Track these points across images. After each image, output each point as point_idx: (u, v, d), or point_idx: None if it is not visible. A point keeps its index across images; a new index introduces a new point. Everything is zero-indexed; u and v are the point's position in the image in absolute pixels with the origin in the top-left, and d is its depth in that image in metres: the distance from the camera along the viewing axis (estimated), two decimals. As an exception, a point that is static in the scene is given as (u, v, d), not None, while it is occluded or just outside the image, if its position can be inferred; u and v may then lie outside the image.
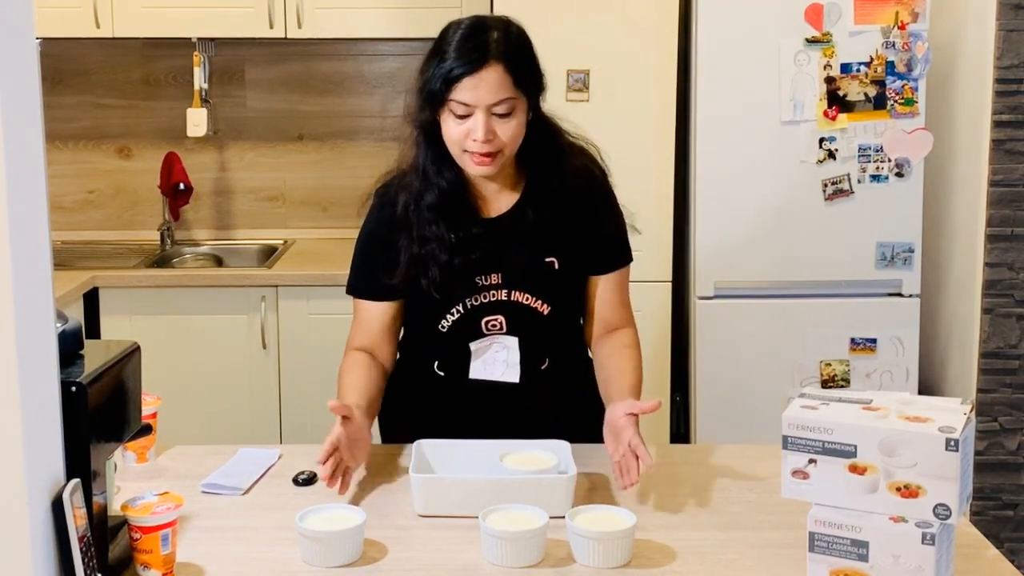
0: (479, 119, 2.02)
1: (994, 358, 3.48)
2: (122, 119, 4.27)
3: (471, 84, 2.01)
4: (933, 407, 1.57)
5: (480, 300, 2.15)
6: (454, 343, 2.19)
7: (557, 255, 2.16)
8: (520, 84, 2.04)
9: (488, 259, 2.14)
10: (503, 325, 2.16)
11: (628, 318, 2.26)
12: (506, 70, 2.02)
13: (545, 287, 2.16)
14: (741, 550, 1.79)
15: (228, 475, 2.07)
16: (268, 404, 3.77)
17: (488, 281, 2.14)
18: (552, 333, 2.21)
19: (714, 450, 2.30)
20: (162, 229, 4.20)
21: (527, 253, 2.15)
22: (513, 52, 2.05)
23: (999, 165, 3.41)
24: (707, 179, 3.60)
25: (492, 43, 2.03)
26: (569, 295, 2.21)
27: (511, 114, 2.04)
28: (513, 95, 2.03)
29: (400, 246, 2.13)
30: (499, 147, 2.04)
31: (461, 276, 2.13)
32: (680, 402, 3.94)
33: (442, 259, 2.10)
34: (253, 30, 3.89)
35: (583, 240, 2.17)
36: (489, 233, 2.15)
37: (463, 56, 2.02)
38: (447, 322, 2.16)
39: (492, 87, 2.01)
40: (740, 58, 3.53)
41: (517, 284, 2.15)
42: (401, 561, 1.76)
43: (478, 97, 2.01)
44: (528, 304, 2.16)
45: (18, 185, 1.35)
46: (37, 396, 1.41)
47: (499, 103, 2.02)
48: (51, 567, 1.44)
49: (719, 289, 3.63)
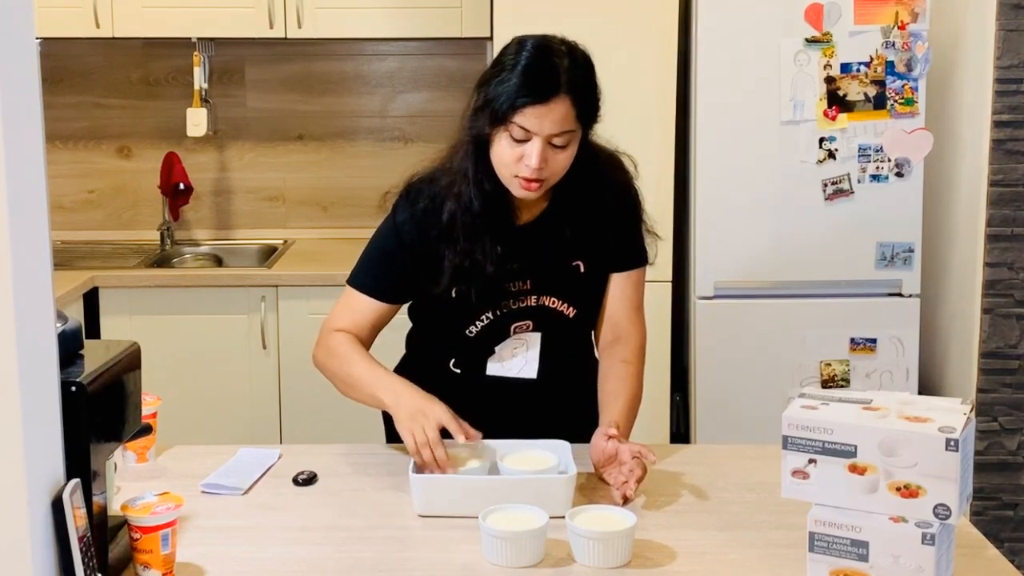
0: (535, 146, 2.00)
1: (994, 358, 3.48)
2: (122, 119, 4.27)
3: (537, 113, 1.99)
4: (933, 407, 1.57)
5: (511, 307, 2.15)
6: (479, 346, 2.19)
7: (583, 258, 2.17)
8: (581, 117, 2.04)
9: (519, 265, 2.14)
10: (531, 328, 2.18)
11: (638, 322, 2.26)
12: (573, 103, 2.01)
13: (572, 291, 2.18)
14: (741, 550, 1.79)
15: (228, 475, 2.07)
16: (268, 404, 3.77)
17: (519, 287, 2.15)
18: (577, 335, 2.23)
19: (714, 450, 2.30)
20: (162, 229, 4.20)
21: (555, 258, 2.16)
22: (580, 84, 2.05)
23: (999, 165, 3.41)
24: (707, 179, 3.60)
25: (563, 72, 2.02)
26: (595, 297, 2.22)
27: (567, 146, 2.03)
28: (574, 128, 2.03)
29: (443, 255, 2.11)
30: (548, 175, 2.04)
31: (494, 284, 2.12)
32: (680, 402, 3.94)
33: (488, 270, 2.09)
34: (253, 30, 3.89)
35: (608, 244, 2.18)
36: (522, 241, 2.15)
37: (534, 82, 2.00)
38: (475, 328, 2.16)
39: (557, 120, 2.00)
40: (740, 58, 3.52)
41: (546, 289, 2.16)
42: (401, 561, 1.76)
43: (542, 127, 2.00)
44: (556, 308, 2.17)
45: (18, 185, 1.35)
46: (37, 396, 1.41)
47: (560, 135, 2.01)
48: (51, 567, 1.44)
49: (719, 289, 3.63)
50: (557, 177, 2.07)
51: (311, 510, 1.95)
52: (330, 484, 2.05)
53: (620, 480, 1.95)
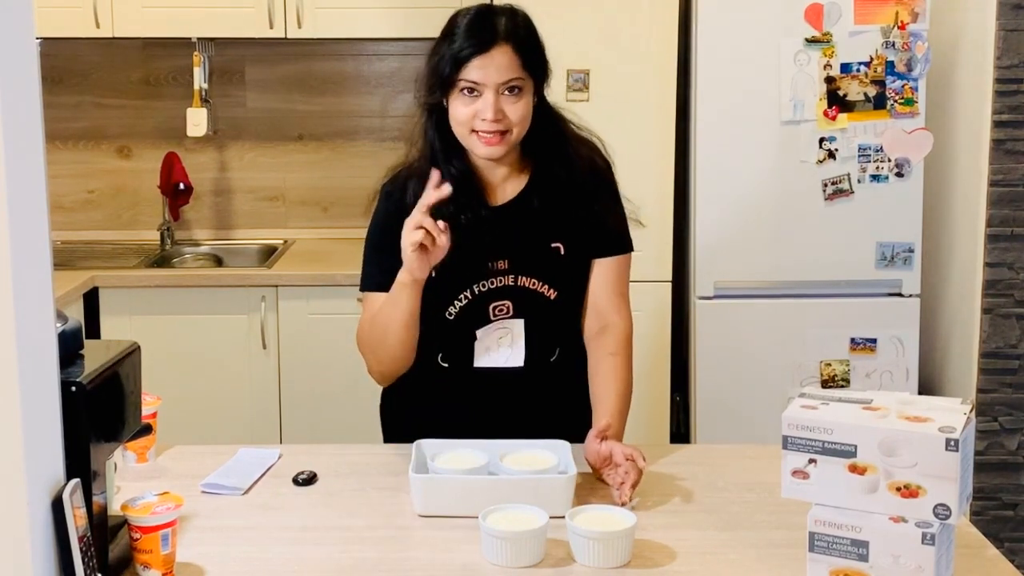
0: (488, 98, 2.05)
1: (994, 358, 3.48)
2: (122, 119, 4.27)
3: (481, 63, 2.05)
4: (933, 407, 1.57)
5: (488, 286, 2.16)
6: (460, 331, 2.19)
7: (563, 241, 2.18)
8: (528, 67, 2.08)
9: (496, 245, 2.16)
10: (510, 310, 2.18)
11: (623, 310, 2.24)
12: (515, 51, 2.06)
13: (552, 272, 2.18)
14: (741, 550, 1.79)
15: (228, 475, 2.07)
16: (268, 404, 3.77)
17: (496, 266, 2.16)
18: (560, 320, 2.22)
19: (714, 450, 2.30)
20: (162, 229, 4.20)
21: (534, 239, 2.17)
22: (521, 35, 2.09)
23: (999, 165, 3.41)
24: (707, 179, 3.60)
25: (501, 25, 2.08)
26: (576, 281, 2.22)
27: (520, 95, 2.07)
28: (521, 76, 2.07)
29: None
30: (508, 127, 2.07)
31: (470, 261, 2.14)
32: (680, 402, 3.94)
33: (456, 240, 2.09)
34: (253, 30, 3.89)
35: (587, 227, 2.19)
36: (497, 219, 2.16)
37: (473, 37, 2.06)
38: (454, 308, 2.17)
39: (502, 66, 2.05)
40: (740, 58, 3.53)
41: (524, 269, 2.16)
42: (401, 561, 1.76)
43: (488, 76, 2.05)
44: (535, 289, 2.17)
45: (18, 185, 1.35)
46: (37, 396, 1.41)
47: (508, 82, 2.06)
48: (51, 567, 1.44)
49: (719, 289, 3.64)
50: (518, 130, 2.09)
51: (311, 510, 1.95)
52: (330, 484, 2.05)
53: (618, 480, 1.95)
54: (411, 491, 1.91)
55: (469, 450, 2.01)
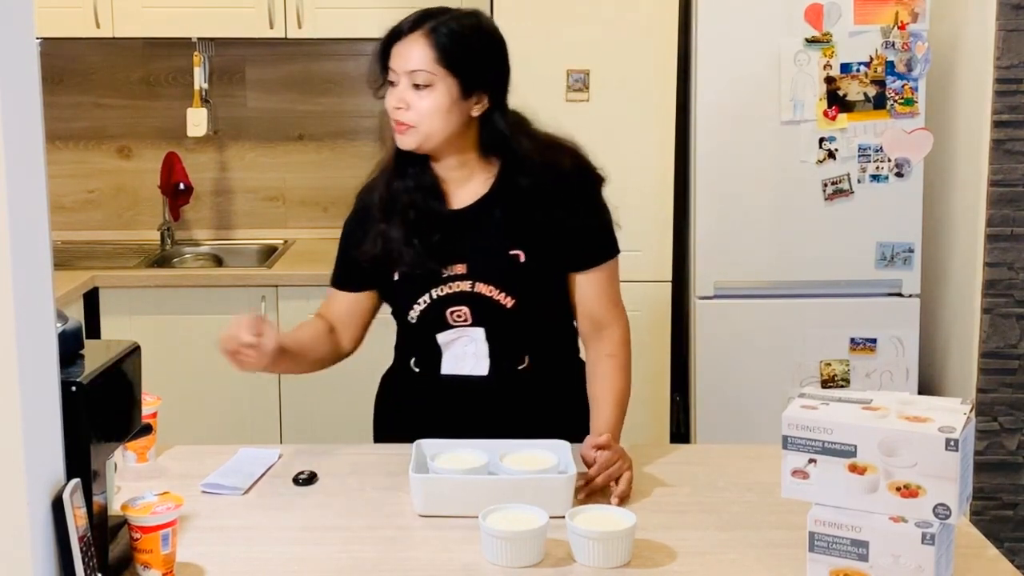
0: (397, 87, 2.09)
1: (994, 358, 3.48)
2: (122, 119, 4.27)
3: (398, 51, 2.09)
4: (933, 407, 1.57)
5: (445, 290, 2.15)
6: (423, 335, 2.19)
7: (524, 248, 2.14)
8: (447, 64, 2.06)
9: (453, 249, 2.14)
10: (468, 317, 2.15)
11: (618, 314, 2.23)
12: (429, 44, 2.06)
13: (510, 280, 2.14)
14: (741, 550, 1.79)
15: (228, 475, 2.07)
16: (268, 404, 3.77)
17: (453, 271, 2.14)
18: (520, 328, 2.18)
19: (714, 450, 2.30)
20: (162, 229, 4.20)
21: (492, 245, 2.14)
22: (447, 32, 2.07)
23: (999, 165, 3.41)
24: (707, 179, 3.60)
25: (428, 18, 2.09)
26: (537, 290, 2.17)
27: (428, 90, 2.06)
28: (432, 71, 2.06)
29: (369, 232, 2.17)
30: (412, 120, 2.08)
31: (426, 264, 2.14)
32: (680, 402, 3.94)
33: (410, 241, 2.12)
34: (253, 30, 3.89)
35: (555, 236, 2.14)
36: (455, 224, 2.15)
37: (398, 25, 2.10)
38: (415, 312, 2.17)
39: (414, 58, 2.07)
40: (740, 58, 3.53)
41: (481, 276, 2.14)
42: (401, 561, 1.76)
43: (398, 64, 2.08)
44: (491, 296, 2.14)
45: (18, 185, 1.35)
46: (37, 396, 1.41)
47: (415, 72, 2.06)
48: (51, 567, 1.44)
49: (719, 289, 3.64)
50: (426, 126, 2.07)
51: (311, 510, 1.95)
52: (330, 484, 2.05)
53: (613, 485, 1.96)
54: (411, 491, 1.91)
55: (469, 450, 2.01)
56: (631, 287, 3.77)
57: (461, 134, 2.12)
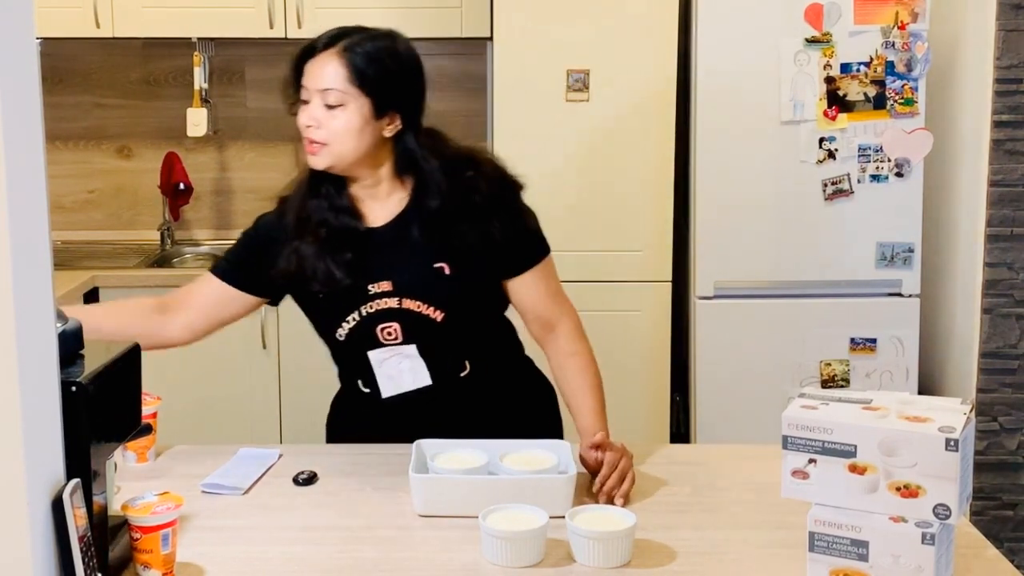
0: (309, 105, 2.07)
1: (994, 358, 3.48)
2: (122, 119, 4.27)
3: (310, 68, 2.08)
4: (933, 407, 1.57)
5: (374, 307, 2.13)
6: (354, 353, 2.18)
7: (447, 261, 2.12)
8: (360, 84, 2.05)
9: (376, 267, 2.13)
10: (398, 333, 2.14)
11: (564, 308, 2.21)
12: (343, 63, 2.05)
13: (436, 294, 2.12)
14: (741, 550, 1.79)
15: (228, 475, 2.07)
16: (268, 404, 3.77)
17: (379, 289, 2.12)
18: (453, 340, 2.16)
19: (714, 450, 2.30)
20: (162, 229, 4.20)
21: (415, 261, 2.13)
22: (361, 52, 2.06)
23: (999, 165, 3.41)
24: (707, 179, 3.60)
25: (343, 36, 2.08)
26: (466, 301, 2.15)
27: (340, 109, 2.05)
28: (345, 90, 2.05)
29: (284, 250, 2.14)
30: (323, 139, 2.07)
31: (351, 283, 2.11)
32: (680, 402, 3.94)
33: (323, 258, 2.10)
34: (253, 30, 3.89)
35: (478, 249, 2.12)
36: (377, 242, 2.13)
37: (312, 41, 2.09)
38: (343, 330, 2.15)
39: (325, 76, 2.05)
40: (740, 58, 3.52)
41: (407, 291, 2.12)
42: (401, 561, 1.76)
43: (310, 81, 2.07)
44: (420, 311, 2.12)
45: (18, 185, 1.35)
46: (37, 396, 1.41)
47: (328, 91, 2.05)
48: (51, 567, 1.44)
49: (719, 289, 3.63)
50: (338, 145, 2.06)
51: (311, 510, 1.95)
52: (330, 484, 2.05)
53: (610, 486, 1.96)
54: (411, 491, 1.91)
55: (469, 450, 2.01)
56: (631, 287, 3.81)
57: (374, 154, 2.10)
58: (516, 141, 3.67)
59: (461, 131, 4.29)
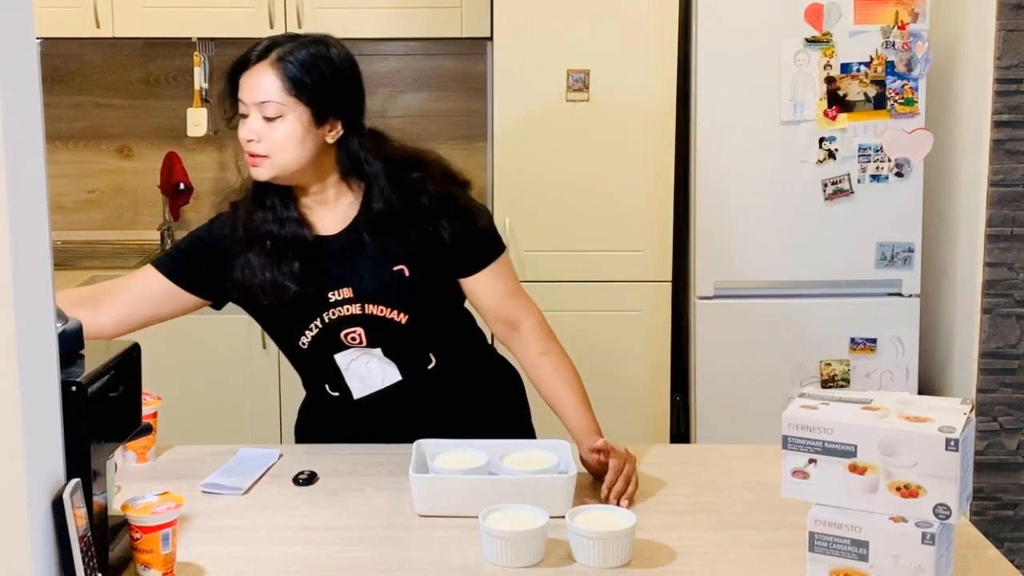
0: (248, 118, 2.05)
1: (994, 358, 3.48)
2: (122, 119, 4.27)
3: (246, 82, 2.06)
4: (933, 407, 1.57)
5: (335, 315, 2.12)
6: (319, 358, 2.17)
7: (406, 263, 2.11)
8: (296, 93, 2.03)
9: (333, 275, 2.11)
10: (362, 338, 2.13)
11: (525, 307, 2.19)
12: (278, 74, 2.03)
13: (399, 296, 2.11)
14: (741, 550, 1.79)
15: (228, 475, 2.07)
16: (268, 404, 3.77)
17: (340, 296, 2.12)
18: (418, 340, 2.16)
19: (714, 450, 2.30)
20: (162, 229, 4.20)
21: (374, 265, 2.11)
22: (295, 61, 2.04)
23: (999, 165, 3.41)
24: (707, 179, 3.60)
25: (274, 48, 2.05)
26: (428, 301, 2.15)
27: (279, 121, 2.03)
28: (282, 101, 2.03)
29: (236, 263, 2.13)
30: (264, 152, 2.04)
31: (310, 292, 2.10)
32: (680, 402, 3.94)
33: (271, 269, 2.09)
34: (253, 30, 3.88)
35: (432, 249, 2.11)
36: (333, 249, 2.12)
37: (245, 54, 2.07)
38: (306, 339, 2.15)
39: (261, 88, 2.03)
40: (740, 58, 3.53)
41: (369, 297, 2.11)
42: (401, 561, 1.76)
43: (247, 95, 2.05)
44: (384, 316, 2.12)
45: (18, 185, 1.35)
46: (37, 396, 1.41)
47: (265, 104, 2.03)
48: (51, 567, 1.44)
49: (719, 289, 3.64)
50: (279, 157, 2.04)
51: (311, 510, 1.95)
52: (330, 484, 2.05)
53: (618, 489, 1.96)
54: (411, 491, 1.91)
55: (469, 450, 2.01)
56: (631, 287, 3.81)
57: (318, 161, 2.09)
58: (516, 141, 3.67)
59: (461, 131, 4.33)
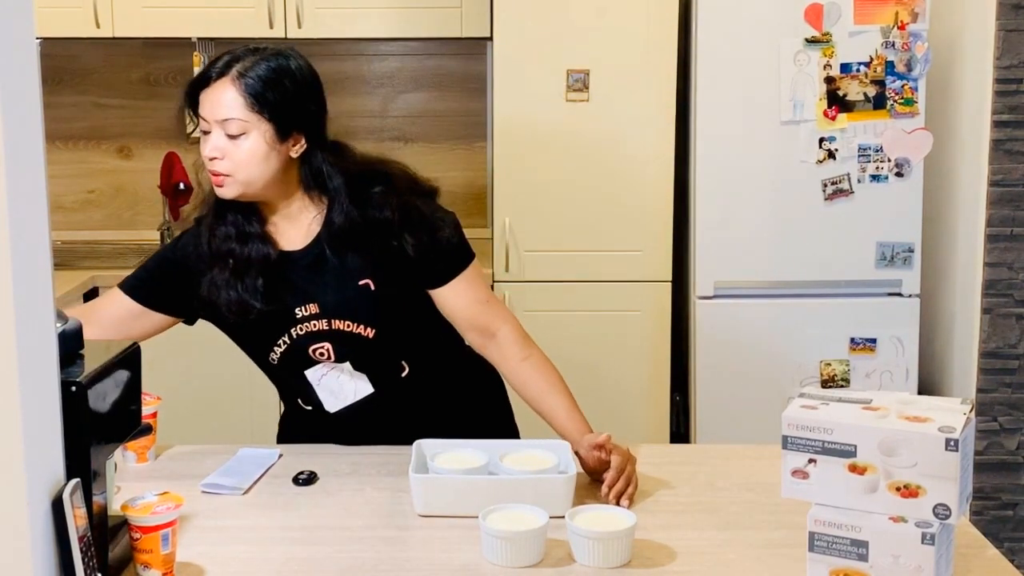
0: (210, 135, 2.02)
1: (994, 358, 3.48)
2: (122, 119, 4.28)
3: (207, 98, 2.02)
4: (933, 407, 1.57)
5: (303, 330, 2.11)
6: (290, 373, 2.17)
7: (371, 277, 2.10)
8: (259, 110, 2.01)
9: (302, 290, 2.10)
10: (330, 353, 2.12)
11: (499, 315, 2.17)
12: (239, 90, 2.00)
13: (365, 311, 2.10)
14: (741, 550, 1.79)
15: (228, 475, 2.07)
16: (268, 404, 3.76)
17: (307, 312, 2.11)
18: (386, 353, 2.15)
19: (714, 450, 2.30)
20: (162, 229, 4.20)
21: (339, 280, 2.10)
22: (255, 76, 2.01)
23: (999, 165, 3.41)
24: (707, 179, 3.60)
25: (235, 62, 2.02)
26: (395, 315, 2.13)
27: (242, 138, 2.01)
28: (245, 118, 2.00)
29: (202, 280, 2.11)
30: (228, 170, 2.02)
31: (277, 309, 2.09)
32: (680, 402, 3.94)
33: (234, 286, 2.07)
34: (253, 30, 3.89)
35: (397, 261, 2.09)
36: (298, 264, 2.11)
37: (204, 70, 2.04)
38: (275, 354, 2.15)
39: (223, 105, 2.00)
40: (740, 58, 3.53)
41: (335, 312, 2.10)
42: (401, 561, 1.76)
43: (208, 112, 2.02)
44: (351, 331, 2.10)
45: (18, 185, 1.35)
46: (37, 396, 1.41)
47: (228, 121, 2.00)
48: (51, 567, 1.44)
49: (719, 289, 3.64)
50: (243, 174, 2.02)
51: (311, 510, 1.95)
52: (330, 484, 2.05)
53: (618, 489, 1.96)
54: (411, 491, 1.91)
55: (469, 450, 2.01)
56: (631, 287, 3.81)
57: (282, 177, 2.07)
58: (516, 141, 3.67)
59: (461, 131, 4.34)
